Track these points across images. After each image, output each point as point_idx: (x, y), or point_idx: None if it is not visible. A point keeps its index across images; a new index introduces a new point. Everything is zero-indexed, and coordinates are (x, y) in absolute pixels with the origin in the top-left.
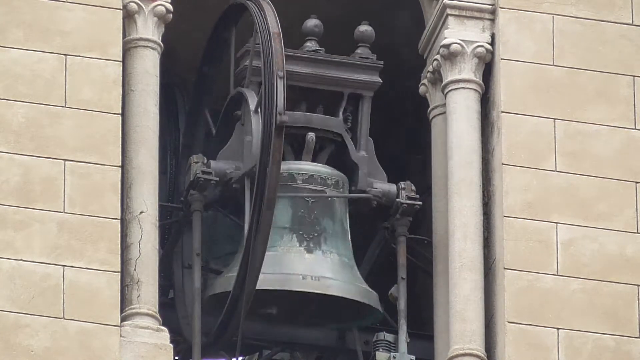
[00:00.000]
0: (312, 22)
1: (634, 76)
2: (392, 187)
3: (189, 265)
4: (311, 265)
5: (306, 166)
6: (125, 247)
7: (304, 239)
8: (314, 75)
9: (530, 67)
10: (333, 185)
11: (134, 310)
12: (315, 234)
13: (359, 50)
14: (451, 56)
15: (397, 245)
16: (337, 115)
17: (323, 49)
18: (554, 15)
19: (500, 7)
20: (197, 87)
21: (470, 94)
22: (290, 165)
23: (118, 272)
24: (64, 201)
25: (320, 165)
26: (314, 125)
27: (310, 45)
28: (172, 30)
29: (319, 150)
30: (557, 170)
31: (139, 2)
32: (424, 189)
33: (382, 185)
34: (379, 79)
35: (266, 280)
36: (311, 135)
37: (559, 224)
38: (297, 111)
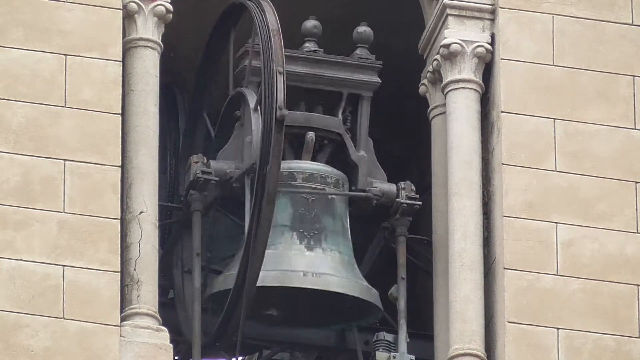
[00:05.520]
0: (310, 23)
1: (634, 76)
2: (392, 187)
3: (188, 269)
4: (312, 263)
5: (306, 165)
6: (125, 247)
7: (305, 237)
8: (312, 75)
9: (530, 67)
10: (333, 184)
11: (134, 310)
12: (316, 232)
13: (357, 51)
14: (451, 56)
15: (397, 245)
16: (336, 115)
17: (322, 49)
18: (554, 15)
19: (500, 7)
20: (197, 87)
21: (470, 94)
22: (290, 164)
23: (118, 272)
24: (64, 201)
25: (320, 164)
26: (314, 124)
27: (309, 46)
28: (172, 30)
29: (318, 150)
30: (557, 170)
31: (139, 2)
32: (424, 189)
33: (382, 185)
34: (378, 79)
35: (267, 278)
36: (311, 135)
37: (559, 224)
38: (297, 111)
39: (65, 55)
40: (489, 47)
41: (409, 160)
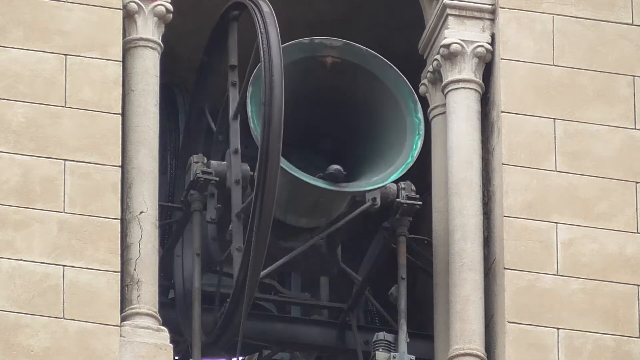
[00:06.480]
0: None
1: (634, 76)
2: (392, 187)
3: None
4: None
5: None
6: (125, 247)
7: None
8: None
9: (530, 67)
10: None
11: (134, 310)
12: None
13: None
14: (451, 56)
15: (397, 245)
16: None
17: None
18: (554, 15)
19: (500, 7)
20: (197, 86)
21: (470, 94)
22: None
23: (118, 272)
24: (64, 201)
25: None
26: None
27: None
28: (172, 30)
29: None
30: (557, 170)
31: (139, 2)
32: (424, 189)
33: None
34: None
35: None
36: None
37: (559, 224)
38: None
39: (65, 55)
40: (489, 47)
41: None
